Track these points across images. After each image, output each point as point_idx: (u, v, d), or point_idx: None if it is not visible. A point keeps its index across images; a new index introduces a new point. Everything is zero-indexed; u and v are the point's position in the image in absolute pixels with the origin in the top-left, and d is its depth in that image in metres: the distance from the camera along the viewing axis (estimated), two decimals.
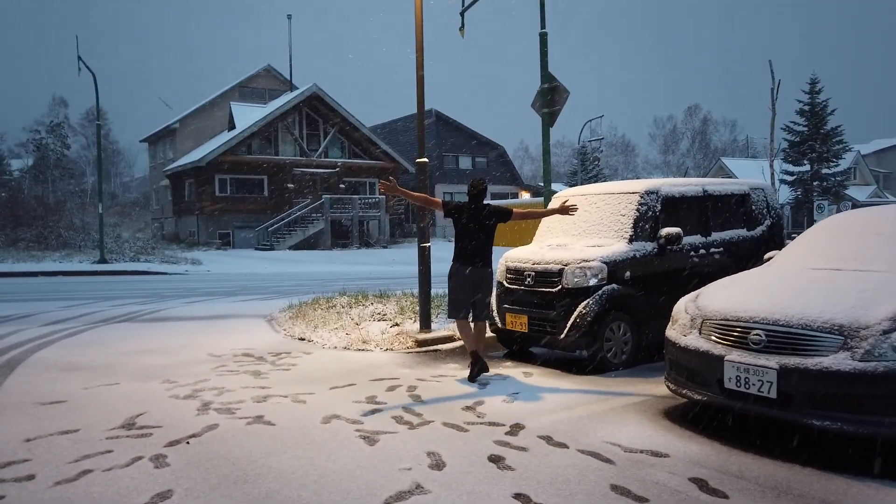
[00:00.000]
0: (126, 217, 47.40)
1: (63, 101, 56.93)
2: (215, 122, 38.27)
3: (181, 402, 5.20)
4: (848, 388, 3.58)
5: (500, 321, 6.78)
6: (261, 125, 32.72)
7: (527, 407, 4.96)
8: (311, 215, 31.55)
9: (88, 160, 56.23)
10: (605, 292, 6.01)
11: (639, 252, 6.25)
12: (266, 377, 6.05)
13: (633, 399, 5.15)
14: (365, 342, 7.52)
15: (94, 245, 24.57)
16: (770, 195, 7.54)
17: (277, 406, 5.06)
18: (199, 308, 11.37)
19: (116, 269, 20.49)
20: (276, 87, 39.83)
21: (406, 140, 43.38)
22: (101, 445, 4.17)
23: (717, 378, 4.16)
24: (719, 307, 4.38)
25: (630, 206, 6.43)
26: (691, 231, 6.66)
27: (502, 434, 4.35)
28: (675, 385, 4.59)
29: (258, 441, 4.24)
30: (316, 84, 33.63)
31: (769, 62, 22.31)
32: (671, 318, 4.83)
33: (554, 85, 9.89)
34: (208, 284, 16.37)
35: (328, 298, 10.25)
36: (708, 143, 71.37)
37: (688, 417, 4.65)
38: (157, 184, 42.87)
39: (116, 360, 6.82)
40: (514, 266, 6.65)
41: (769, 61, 22.34)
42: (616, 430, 4.40)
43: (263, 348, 7.46)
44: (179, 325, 9.31)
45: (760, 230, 7.30)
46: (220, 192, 32.62)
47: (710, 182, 7.10)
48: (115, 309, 11.21)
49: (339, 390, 5.56)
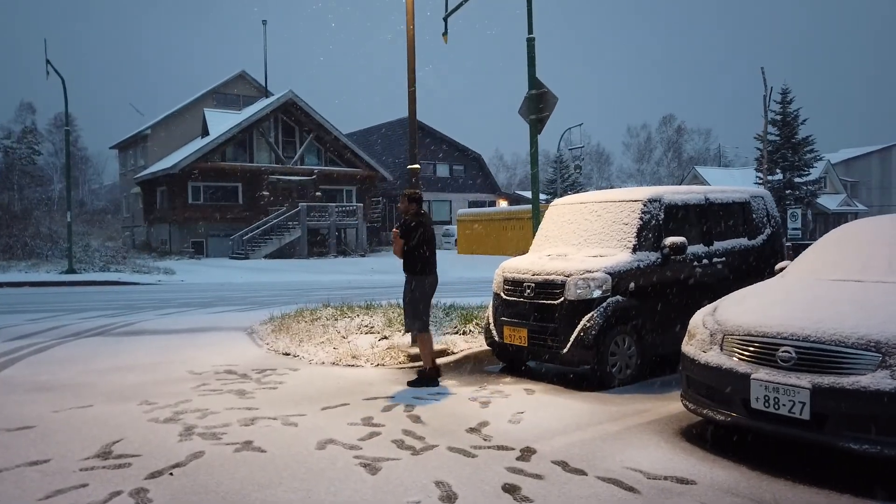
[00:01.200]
0: (95, 225, 46.16)
1: (30, 107, 55.61)
2: (188, 128, 37.47)
3: (161, 426, 4.81)
4: (890, 410, 3.36)
5: (498, 334, 6.50)
6: (235, 132, 32.10)
7: (535, 428, 4.67)
8: (288, 223, 30.99)
9: (56, 167, 54.81)
10: (610, 304, 5.76)
11: (643, 262, 6.02)
12: (252, 397, 5.68)
13: (646, 418, 4.89)
14: (354, 357, 7.17)
15: (63, 254, 23.74)
16: (770, 203, 7.39)
17: (267, 430, 4.71)
18: (175, 320, 10.89)
19: (86, 279, 19.76)
20: (251, 94, 39.20)
21: (383, 147, 43.04)
22: (75, 478, 3.78)
23: (741, 397, 3.92)
24: (742, 321, 4.14)
25: (633, 214, 6.20)
26: (693, 240, 6.46)
27: (513, 459, 4.06)
28: (693, 404, 4.34)
29: (249, 471, 3.89)
30: (292, 90, 33.15)
31: (761, 70, 22.52)
32: (687, 332, 4.59)
33: (542, 91, 9.68)
34: (183, 295, 15.82)
35: (312, 310, 9.87)
36: (681, 152, 72.27)
37: (708, 438, 4.40)
38: (127, 191, 41.85)
39: (89, 379, 6.38)
40: (513, 277, 6.37)
41: (761, 69, 22.56)
42: (634, 453, 4.14)
43: (247, 364, 7.06)
44: (155, 340, 8.85)
45: (761, 239, 7.13)
46: (194, 200, 31.89)
47: (712, 190, 6.92)
48: (85, 322, 10.68)
49: (332, 411, 5.21)
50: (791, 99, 41.60)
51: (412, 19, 10.23)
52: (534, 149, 9.75)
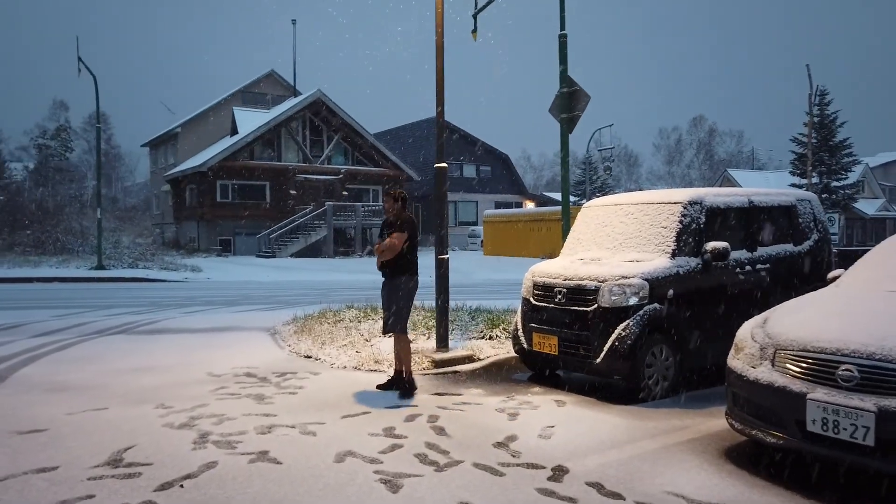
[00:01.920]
0: (126, 222, 46.78)
1: (64, 105, 56.74)
2: (218, 127, 37.77)
3: (175, 432, 4.62)
4: None
5: (526, 341, 6.21)
6: (263, 130, 32.23)
7: (567, 444, 4.38)
8: (314, 222, 30.99)
9: (89, 164, 55.75)
10: (647, 312, 5.43)
11: (682, 268, 5.68)
12: (270, 402, 5.47)
13: (687, 435, 4.57)
14: (377, 362, 6.94)
15: (93, 251, 23.98)
16: (817, 207, 6.98)
17: (284, 439, 4.49)
18: (198, 319, 10.80)
19: (114, 275, 19.90)
20: (279, 93, 39.38)
21: (411, 147, 42.88)
22: (82, 488, 3.60)
23: (796, 419, 3.59)
24: (796, 335, 3.80)
25: (672, 217, 5.86)
26: (736, 245, 6.09)
27: (544, 479, 3.77)
28: (740, 423, 4.01)
29: (263, 485, 3.66)
30: (320, 90, 33.17)
31: (807, 67, 21.78)
32: (734, 345, 4.25)
33: (574, 89, 9.36)
34: (208, 293, 15.80)
35: (335, 311, 9.68)
36: (713, 154, 70.97)
37: (755, 461, 4.07)
38: (158, 189, 42.36)
39: (107, 380, 6.24)
40: (543, 282, 6.08)
41: (807, 66, 21.82)
42: (675, 475, 3.82)
43: (267, 367, 6.88)
44: (176, 339, 8.73)
45: (808, 245, 6.73)
46: (222, 198, 32.08)
47: (756, 192, 6.54)
48: (109, 319, 10.64)
49: (352, 420, 4.98)
50: (829, 101, 40.47)
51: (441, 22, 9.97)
52: (564, 149, 9.44)
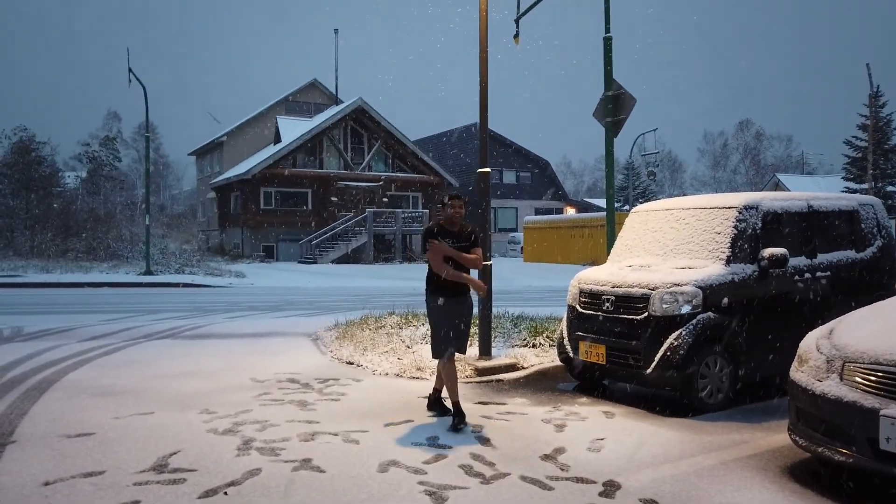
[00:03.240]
0: (174, 229, 48.04)
1: (116, 116, 58.65)
2: (261, 135, 38.46)
3: (219, 438, 4.61)
4: None
5: (572, 350, 6.04)
6: (306, 139, 32.65)
7: (618, 458, 4.21)
8: (355, 229, 31.21)
9: (139, 173, 57.48)
10: (701, 321, 5.22)
11: (737, 276, 5.44)
12: (313, 408, 5.43)
13: (745, 451, 4.34)
14: (419, 369, 6.86)
15: (141, 256, 24.60)
16: (881, 212, 6.64)
17: (327, 446, 4.43)
18: (242, 324, 10.90)
19: (161, 280, 20.35)
20: (321, 101, 39.89)
21: (450, 154, 42.92)
22: (128, 494, 3.59)
23: (867, 436, 3.36)
24: (867, 347, 3.57)
25: (726, 222, 5.63)
26: (795, 252, 5.82)
27: (595, 495, 3.62)
28: (805, 440, 3.78)
29: (306, 494, 3.60)
30: (361, 98, 33.46)
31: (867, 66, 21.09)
32: (798, 356, 4.03)
33: (619, 92, 9.16)
34: (252, 298, 15.99)
35: (377, 318, 9.64)
36: (759, 159, 69.16)
37: (820, 480, 3.83)
38: (203, 196, 43.30)
39: (153, 385, 6.30)
40: (590, 289, 5.91)
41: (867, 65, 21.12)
42: (736, 494, 3.62)
43: (310, 373, 6.86)
44: (221, 344, 8.80)
45: (871, 252, 6.40)
46: (265, 205, 32.59)
47: (816, 196, 6.25)
48: (156, 324, 10.82)
49: (395, 428, 4.90)
50: (884, 102, 38.99)
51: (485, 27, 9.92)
52: (609, 154, 9.23)
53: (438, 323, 5.03)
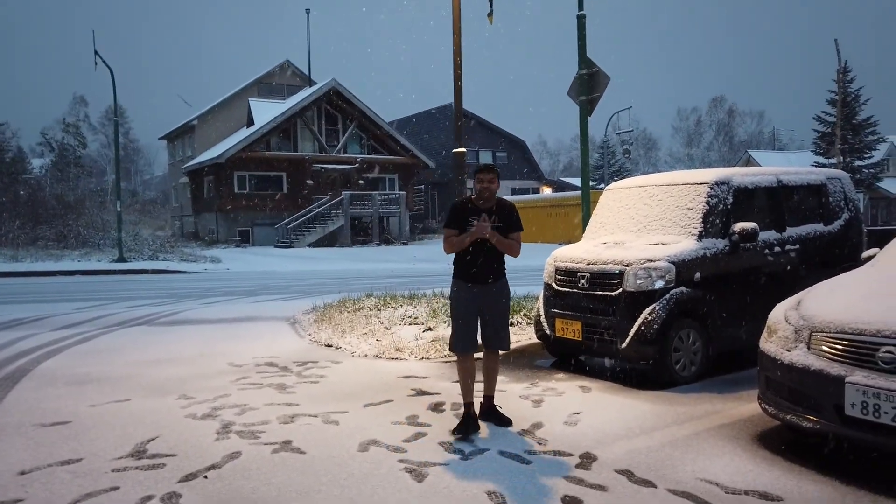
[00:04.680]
0: (146, 215, 47.28)
1: (83, 100, 57.12)
2: (234, 118, 37.83)
3: (198, 422, 4.60)
4: None
5: (549, 327, 6.11)
6: (279, 121, 32.21)
7: (595, 431, 4.29)
8: (331, 212, 31.00)
9: (109, 158, 56.24)
10: (674, 296, 5.31)
11: (709, 250, 5.53)
12: (292, 391, 5.44)
13: (717, 421, 4.45)
14: (398, 350, 6.88)
15: (113, 243, 24.19)
16: (848, 186, 6.78)
17: (307, 428, 4.45)
18: (219, 310, 10.82)
19: (135, 267, 20.07)
20: (294, 83, 39.31)
21: (427, 135, 42.74)
22: (106, 480, 3.58)
23: (833, 403, 3.46)
24: (833, 317, 3.67)
25: (698, 198, 5.71)
26: (765, 226, 5.93)
27: (573, 467, 3.69)
28: (774, 408, 3.89)
29: (287, 475, 3.62)
30: (335, 79, 33.05)
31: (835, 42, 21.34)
32: (767, 327, 4.12)
33: (593, 70, 9.19)
34: (227, 283, 15.86)
35: (355, 300, 9.64)
36: (733, 135, 69.87)
37: (789, 446, 3.94)
38: (176, 181, 42.63)
39: (129, 372, 6.25)
40: (566, 266, 5.97)
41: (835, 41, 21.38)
42: (708, 462, 3.72)
43: (288, 356, 6.85)
44: (197, 330, 8.74)
45: (838, 225, 6.54)
46: (239, 189, 32.18)
47: (785, 171, 6.36)
48: (131, 311, 10.70)
49: (375, 408, 4.93)
50: (851, 78, 39.53)
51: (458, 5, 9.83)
52: (584, 132, 9.28)
53: (455, 313, 4.44)
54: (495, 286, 4.37)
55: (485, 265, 4.31)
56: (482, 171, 4.32)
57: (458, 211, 4.34)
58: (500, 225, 4.27)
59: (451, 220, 4.35)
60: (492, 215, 4.25)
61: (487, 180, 4.28)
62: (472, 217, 4.27)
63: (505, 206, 4.38)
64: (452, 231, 4.33)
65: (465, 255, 4.32)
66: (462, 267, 4.37)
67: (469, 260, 4.31)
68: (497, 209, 4.32)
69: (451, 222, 4.35)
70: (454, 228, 4.33)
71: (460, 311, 4.40)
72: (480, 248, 4.27)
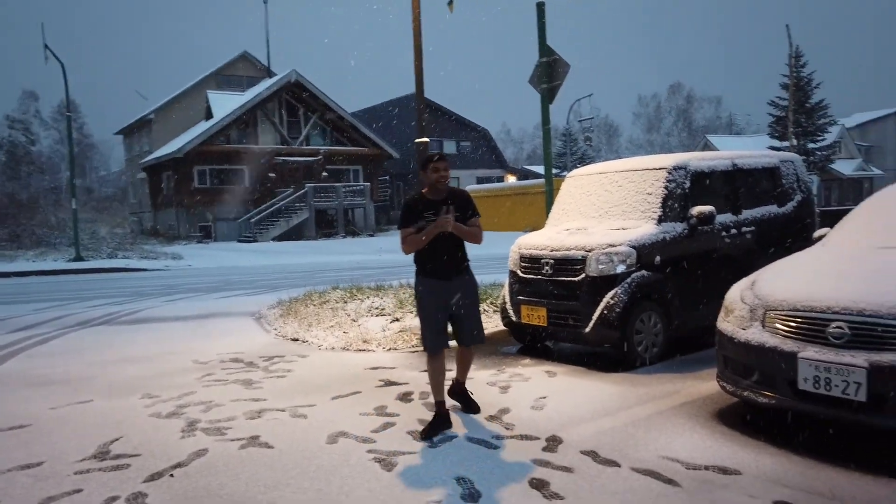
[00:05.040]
0: (103, 212, 46.10)
1: (33, 95, 55.33)
2: (192, 111, 37.05)
3: (163, 421, 4.54)
4: None
5: (515, 314, 6.18)
6: (239, 114, 31.64)
7: (560, 415, 4.36)
8: (295, 205, 30.67)
9: (62, 155, 54.58)
10: (635, 280, 5.41)
11: (669, 234, 5.65)
12: (259, 386, 5.40)
13: (678, 400, 4.57)
14: (365, 341, 6.88)
15: (70, 242, 23.56)
16: (800, 168, 6.98)
17: (274, 423, 4.43)
18: (182, 307, 10.65)
19: (93, 266, 19.59)
20: (254, 75, 38.65)
21: (389, 126, 42.48)
22: (69, 483, 3.52)
23: (787, 378, 3.58)
24: (786, 295, 3.79)
25: (657, 183, 5.82)
26: (722, 209, 6.07)
27: (539, 450, 3.75)
28: (731, 385, 4.01)
29: (255, 470, 3.61)
30: (295, 70, 32.58)
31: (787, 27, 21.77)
32: (723, 307, 4.24)
33: (553, 58, 9.24)
34: (190, 280, 15.61)
35: (321, 293, 9.58)
36: (692, 121, 71.12)
37: (747, 422, 4.07)
38: (133, 177, 41.63)
39: (90, 372, 6.12)
40: (530, 253, 6.03)
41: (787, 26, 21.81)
42: (669, 440, 3.82)
43: (254, 352, 6.79)
44: (160, 328, 8.60)
45: (791, 206, 6.73)
46: (200, 184, 31.58)
47: (740, 155, 6.51)
48: (91, 310, 10.46)
49: (343, 400, 4.93)
50: (804, 63, 40.53)
51: None
52: (546, 120, 9.34)
53: (422, 312, 4.29)
54: (461, 280, 4.23)
55: (448, 259, 4.17)
56: (439, 161, 4.14)
57: (412, 208, 4.15)
58: (457, 214, 4.11)
59: (406, 219, 4.14)
60: (448, 206, 4.07)
61: (443, 168, 4.12)
62: (427, 212, 4.09)
63: (459, 195, 4.25)
64: (409, 230, 4.13)
65: (427, 251, 4.15)
66: (424, 264, 4.22)
67: (431, 256, 4.16)
68: (452, 199, 4.16)
69: (407, 221, 4.14)
70: (411, 226, 4.13)
71: (427, 310, 4.23)
72: (441, 242, 4.11)
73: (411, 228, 4.13)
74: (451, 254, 4.18)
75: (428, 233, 4.06)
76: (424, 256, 4.20)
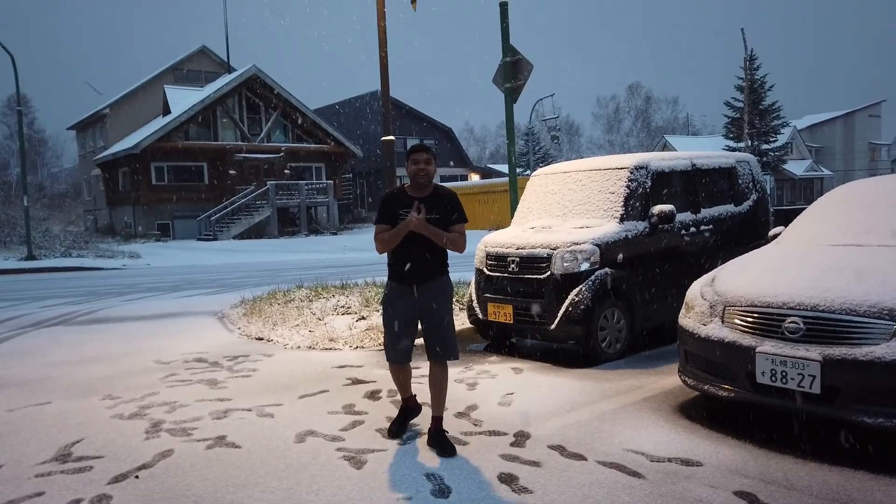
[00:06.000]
0: (56, 210, 44.68)
1: None
2: (149, 107, 36.19)
3: (126, 422, 4.46)
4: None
5: (481, 312, 6.23)
6: (198, 109, 31.04)
7: (527, 410, 4.43)
8: (256, 202, 30.25)
9: (12, 150, 52.88)
10: (599, 277, 5.52)
11: (630, 232, 5.78)
12: (224, 386, 5.34)
13: (642, 394, 4.68)
14: (332, 340, 6.86)
15: (21, 241, 22.82)
16: (755, 168, 7.20)
17: (241, 423, 4.39)
18: (141, 306, 10.43)
19: (47, 265, 19.02)
20: (212, 70, 37.94)
21: (352, 123, 42.20)
22: (30, 486, 3.43)
23: (746, 371, 3.71)
24: (744, 292, 3.92)
25: (619, 182, 5.94)
26: (681, 208, 6.24)
27: (507, 446, 3.81)
28: (693, 379, 4.13)
29: (223, 470, 3.58)
30: (255, 65, 32.12)
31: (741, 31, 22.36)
32: (685, 304, 4.36)
33: (516, 58, 9.34)
34: (149, 279, 15.28)
35: (285, 291, 9.50)
36: (650, 121, 72.44)
37: (708, 415, 4.20)
38: (88, 174, 40.46)
39: (48, 373, 5.97)
40: (496, 252, 6.09)
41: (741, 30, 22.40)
42: (633, 433, 3.92)
43: (218, 351, 6.70)
44: (120, 328, 8.41)
45: (747, 205, 6.95)
46: (157, 181, 30.90)
47: (698, 155, 6.69)
48: (45, 311, 10.16)
49: (311, 399, 4.91)
50: (757, 65, 41.66)
51: None
52: (509, 119, 9.43)
53: (386, 319, 3.93)
54: (433, 285, 3.80)
55: (420, 262, 3.75)
56: (416, 151, 3.73)
57: (388, 203, 3.79)
58: (435, 216, 3.73)
59: (382, 215, 3.79)
60: (419, 204, 3.69)
61: (423, 161, 3.71)
62: (403, 210, 3.73)
63: (443, 196, 3.82)
64: (383, 227, 3.77)
65: (397, 252, 3.79)
66: (393, 266, 3.85)
67: (401, 257, 3.78)
68: (434, 198, 3.77)
69: (382, 217, 3.78)
70: (386, 223, 3.77)
71: (392, 317, 3.85)
72: (414, 242, 3.71)
73: (385, 226, 3.79)
74: (424, 257, 3.77)
75: (396, 232, 3.71)
76: (394, 258, 3.85)
